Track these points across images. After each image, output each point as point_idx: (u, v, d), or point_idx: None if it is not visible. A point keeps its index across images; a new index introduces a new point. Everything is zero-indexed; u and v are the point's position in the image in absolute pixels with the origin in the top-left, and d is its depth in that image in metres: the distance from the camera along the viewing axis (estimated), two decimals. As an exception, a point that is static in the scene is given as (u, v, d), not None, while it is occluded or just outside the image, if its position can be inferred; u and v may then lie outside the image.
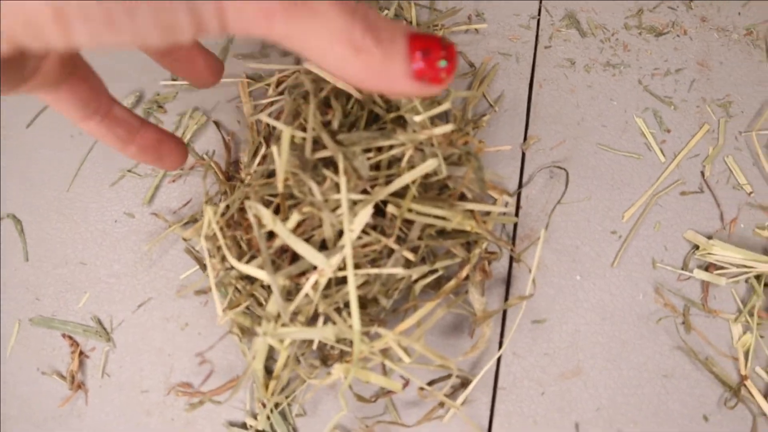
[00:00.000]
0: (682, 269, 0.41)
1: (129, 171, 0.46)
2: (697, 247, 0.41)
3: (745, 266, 0.40)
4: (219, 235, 0.36)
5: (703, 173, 0.42)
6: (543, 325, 0.40)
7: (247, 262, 0.34)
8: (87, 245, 0.45)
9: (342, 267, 0.31)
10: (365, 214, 0.30)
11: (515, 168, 0.43)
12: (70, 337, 0.43)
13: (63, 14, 0.16)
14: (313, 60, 0.20)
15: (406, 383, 0.38)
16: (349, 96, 0.36)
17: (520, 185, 0.42)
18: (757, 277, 0.40)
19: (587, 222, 0.42)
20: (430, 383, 0.38)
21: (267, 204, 0.35)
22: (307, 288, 0.31)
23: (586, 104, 0.44)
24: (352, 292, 0.29)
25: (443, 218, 0.33)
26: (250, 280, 0.36)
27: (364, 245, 0.33)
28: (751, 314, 0.39)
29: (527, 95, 0.44)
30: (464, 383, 0.38)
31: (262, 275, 0.32)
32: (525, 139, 0.43)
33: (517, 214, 0.42)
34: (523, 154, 0.43)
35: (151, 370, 0.41)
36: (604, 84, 0.45)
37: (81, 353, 0.43)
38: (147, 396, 0.41)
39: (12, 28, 0.17)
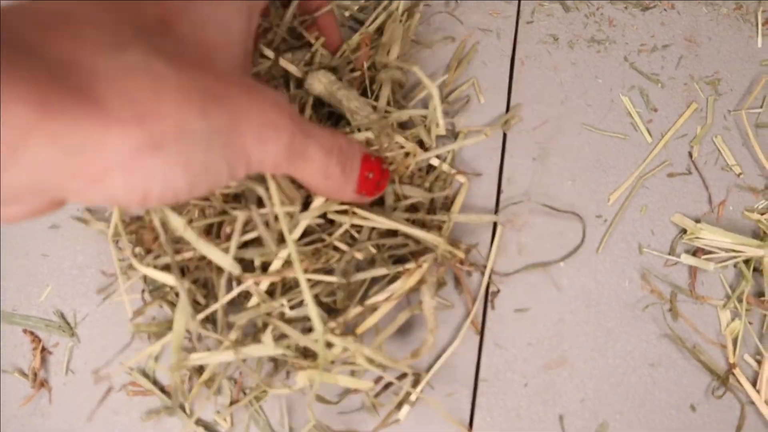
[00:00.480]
0: (669, 254, 0.39)
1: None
2: (684, 231, 0.39)
3: (734, 250, 0.38)
4: (123, 234, 0.36)
5: (690, 154, 0.41)
6: (526, 314, 0.38)
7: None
8: (49, 236, 0.43)
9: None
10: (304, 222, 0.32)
11: (496, 149, 0.41)
12: (32, 333, 0.41)
13: (147, 200, 0.21)
14: (303, 182, 0.29)
15: (378, 379, 0.36)
16: None
17: (501, 168, 0.41)
18: (746, 262, 0.38)
19: (571, 206, 0.40)
20: (387, 386, 0.37)
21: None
22: (229, 296, 0.31)
23: (570, 82, 0.42)
24: (306, 293, 0.28)
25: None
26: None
27: (309, 243, 0.33)
28: (740, 300, 0.38)
29: (508, 73, 0.42)
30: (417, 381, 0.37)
31: (167, 279, 0.31)
32: (506, 119, 0.41)
33: (498, 198, 0.40)
34: (504, 135, 0.41)
35: (117, 367, 0.39)
36: (588, 61, 0.43)
37: (43, 349, 0.41)
38: (113, 393, 0.39)
39: (96, 202, 0.21)
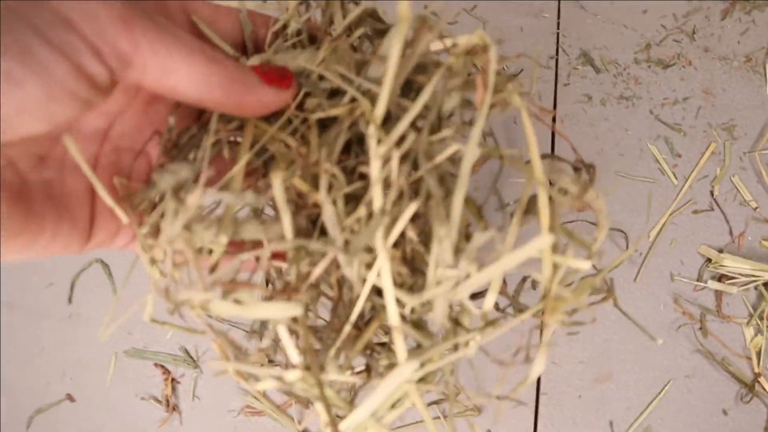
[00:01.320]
0: (698, 281, 0.46)
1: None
2: (709, 260, 0.46)
3: (754, 275, 0.45)
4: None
5: (712, 192, 0.47)
6: (577, 336, 0.45)
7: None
8: (169, 284, 0.51)
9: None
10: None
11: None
12: (162, 366, 0.49)
13: None
14: (183, 89, 0.22)
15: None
16: None
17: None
18: (766, 285, 0.45)
19: (611, 243, 0.47)
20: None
21: None
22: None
23: (604, 135, 0.49)
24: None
25: None
26: None
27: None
28: (761, 318, 0.44)
29: (550, 131, 0.50)
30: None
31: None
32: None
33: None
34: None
35: (236, 392, 0.48)
36: (618, 115, 0.50)
37: (173, 380, 0.49)
38: (233, 415, 0.47)
39: None
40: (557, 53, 0.52)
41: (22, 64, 0.18)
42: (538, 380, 0.45)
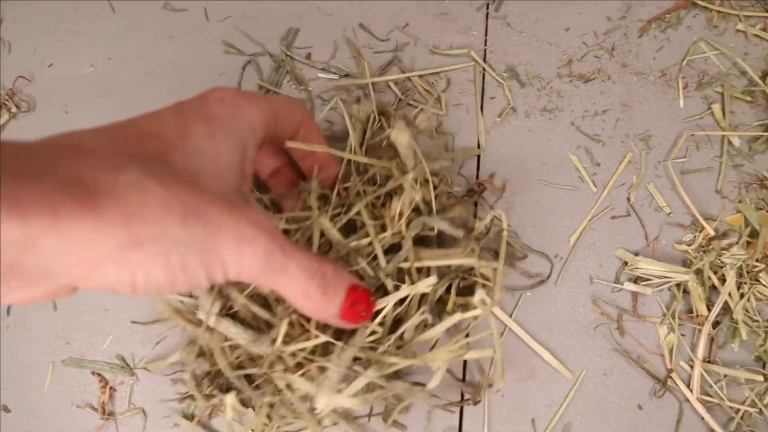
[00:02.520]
0: (615, 283, 0.48)
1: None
2: (626, 263, 0.48)
3: (667, 277, 0.47)
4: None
5: (629, 199, 0.50)
6: (501, 337, 0.47)
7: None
8: (107, 294, 0.52)
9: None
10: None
11: (470, 206, 0.50)
12: (99, 374, 0.50)
13: (136, 289, 0.27)
14: (284, 297, 0.33)
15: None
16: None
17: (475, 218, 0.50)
18: (677, 286, 0.47)
19: (534, 247, 0.49)
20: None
21: None
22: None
23: (528, 146, 0.52)
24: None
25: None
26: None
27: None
28: (674, 317, 0.46)
29: (476, 141, 0.52)
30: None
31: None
32: (477, 177, 0.51)
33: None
34: (476, 202, 0.51)
35: (172, 398, 0.48)
36: (542, 127, 0.52)
37: (110, 387, 0.50)
38: (169, 420, 0.48)
39: (98, 288, 0.26)
40: (484, 69, 0.54)
41: (186, 282, 0.28)
42: (463, 378, 0.47)
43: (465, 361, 0.47)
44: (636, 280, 0.48)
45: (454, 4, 0.56)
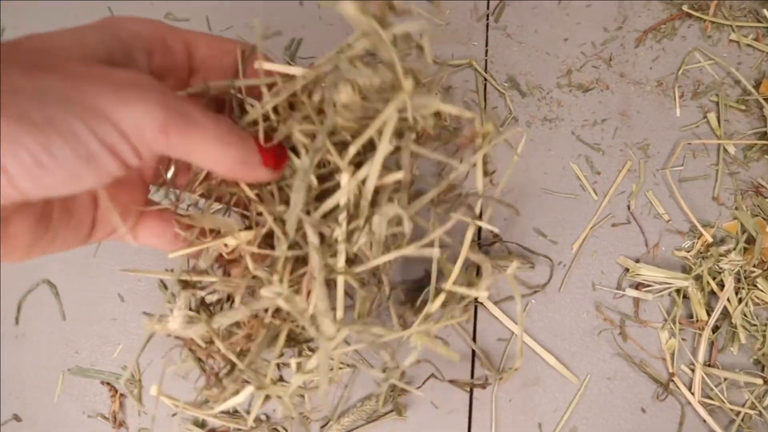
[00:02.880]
0: (617, 289, 0.49)
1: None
2: (627, 270, 0.49)
3: (667, 283, 0.48)
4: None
5: (629, 207, 0.51)
6: (505, 342, 0.48)
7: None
8: (116, 303, 0.52)
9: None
10: None
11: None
12: (109, 384, 0.51)
13: (14, 183, 0.22)
14: (203, 158, 0.27)
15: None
16: None
17: (480, 229, 0.51)
18: (677, 291, 0.48)
19: (537, 255, 0.50)
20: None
21: None
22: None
23: (529, 155, 0.53)
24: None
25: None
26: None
27: None
28: (675, 322, 0.48)
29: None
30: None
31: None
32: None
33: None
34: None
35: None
36: (543, 136, 0.53)
37: (121, 395, 0.50)
38: (181, 427, 0.49)
39: None
40: (485, 79, 0.55)
41: (65, 144, 0.22)
42: (471, 387, 0.48)
43: (473, 351, 0.48)
44: (637, 286, 0.49)
45: (455, 15, 0.57)
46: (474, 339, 0.48)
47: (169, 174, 0.33)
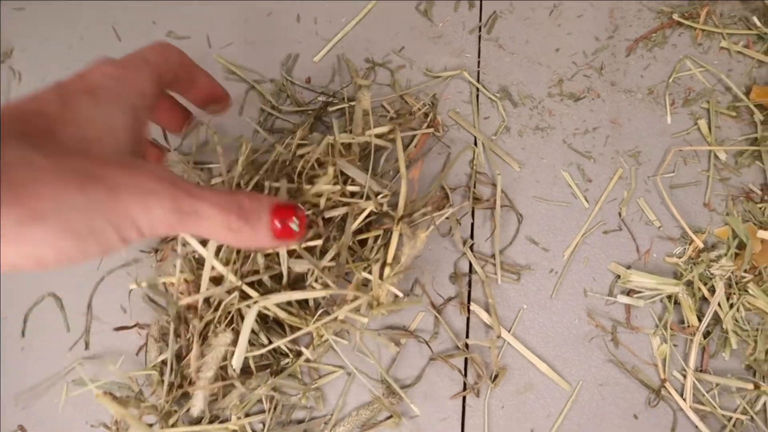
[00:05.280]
0: (608, 295, 0.50)
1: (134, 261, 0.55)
2: (619, 276, 0.50)
3: (658, 289, 0.49)
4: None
5: (620, 214, 0.52)
6: (498, 349, 0.49)
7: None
8: (120, 315, 0.54)
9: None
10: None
11: (467, 216, 0.52)
12: (110, 393, 0.52)
13: (42, 264, 0.26)
14: (210, 238, 0.35)
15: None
16: None
17: (472, 234, 0.52)
18: (669, 297, 0.49)
19: (528, 262, 0.51)
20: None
21: None
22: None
23: (522, 164, 0.53)
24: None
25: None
26: None
27: None
28: (666, 328, 0.48)
29: (471, 159, 0.54)
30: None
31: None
32: (472, 195, 0.53)
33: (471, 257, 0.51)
34: (473, 209, 0.52)
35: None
36: (535, 145, 0.54)
37: (121, 406, 0.51)
38: (179, 437, 0.50)
39: (4, 267, 0.26)
40: (478, 89, 0.56)
41: (98, 246, 0.28)
42: (463, 397, 0.48)
43: (466, 359, 0.49)
44: (629, 292, 0.50)
45: (447, 27, 0.58)
46: (467, 347, 0.49)
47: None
